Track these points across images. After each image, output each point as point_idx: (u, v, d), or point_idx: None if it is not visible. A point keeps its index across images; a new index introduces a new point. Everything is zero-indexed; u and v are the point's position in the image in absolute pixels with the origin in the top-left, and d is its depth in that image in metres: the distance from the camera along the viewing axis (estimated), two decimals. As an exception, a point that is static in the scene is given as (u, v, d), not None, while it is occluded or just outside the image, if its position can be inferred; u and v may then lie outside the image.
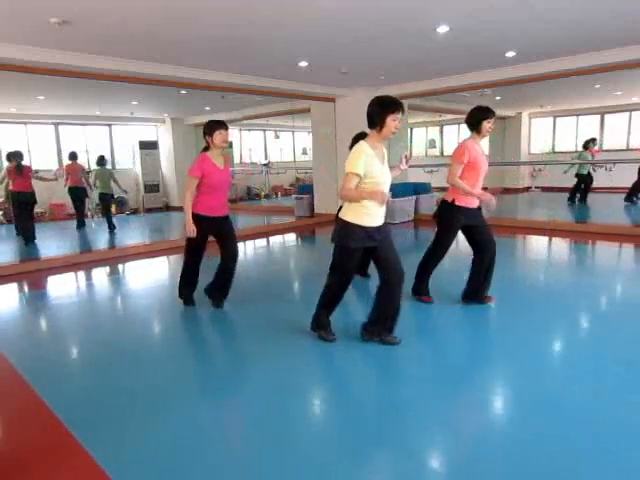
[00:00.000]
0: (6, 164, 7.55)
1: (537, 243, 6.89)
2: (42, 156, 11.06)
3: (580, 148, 10.76)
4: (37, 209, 9.80)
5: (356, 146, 2.86)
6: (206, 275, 4.02)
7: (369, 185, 2.79)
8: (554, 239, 6.85)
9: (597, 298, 4.14)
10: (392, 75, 7.66)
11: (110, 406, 2.49)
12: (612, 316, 3.65)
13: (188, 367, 3.01)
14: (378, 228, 2.89)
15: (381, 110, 2.77)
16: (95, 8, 4.04)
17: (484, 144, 3.85)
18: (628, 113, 13.12)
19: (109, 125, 12.26)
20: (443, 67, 7.09)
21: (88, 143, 11.87)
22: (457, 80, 7.71)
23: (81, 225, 8.93)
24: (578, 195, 10.32)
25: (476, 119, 3.57)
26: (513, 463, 1.90)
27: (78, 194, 8.68)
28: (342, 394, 2.64)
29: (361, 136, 4.34)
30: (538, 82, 7.40)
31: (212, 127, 3.63)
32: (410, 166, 3.47)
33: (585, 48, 6.08)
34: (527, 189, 14.37)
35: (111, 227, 8.75)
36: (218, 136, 3.63)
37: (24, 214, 7.52)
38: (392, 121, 2.77)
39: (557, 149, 14.49)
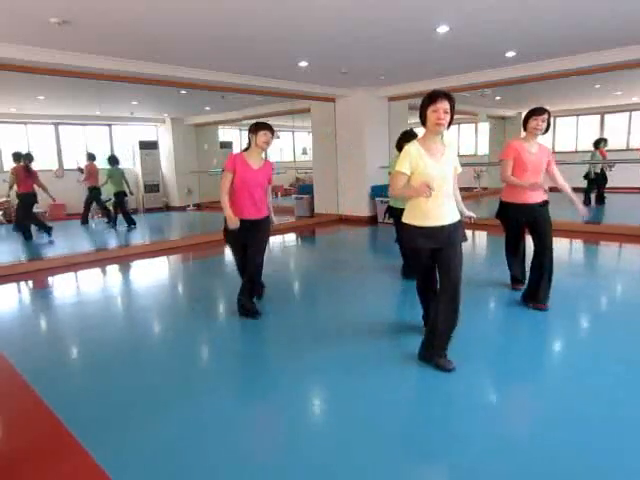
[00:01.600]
0: (12, 164, 7.71)
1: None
2: (42, 156, 11.05)
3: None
4: (37, 209, 9.80)
5: (407, 146, 2.76)
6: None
7: (418, 182, 2.66)
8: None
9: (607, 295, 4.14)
10: (392, 75, 7.66)
11: (110, 406, 2.49)
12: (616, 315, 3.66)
13: (188, 367, 3.00)
14: (441, 228, 2.69)
15: (421, 105, 2.68)
16: (95, 8, 4.04)
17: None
18: (628, 113, 13.12)
19: (109, 125, 12.25)
20: (443, 67, 7.09)
21: (88, 143, 11.86)
22: (457, 80, 7.71)
23: (110, 222, 9.57)
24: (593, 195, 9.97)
25: (525, 118, 3.76)
26: (515, 463, 1.90)
27: (96, 194, 9.23)
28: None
29: (406, 134, 4.50)
30: (538, 82, 7.40)
31: (258, 127, 3.62)
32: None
33: (585, 48, 6.08)
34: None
35: (130, 224, 9.17)
36: (262, 136, 3.60)
37: (29, 214, 7.88)
38: (432, 113, 2.61)
39: (557, 149, 14.49)
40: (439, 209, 2.70)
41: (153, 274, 5.75)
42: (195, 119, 12.69)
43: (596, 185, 9.96)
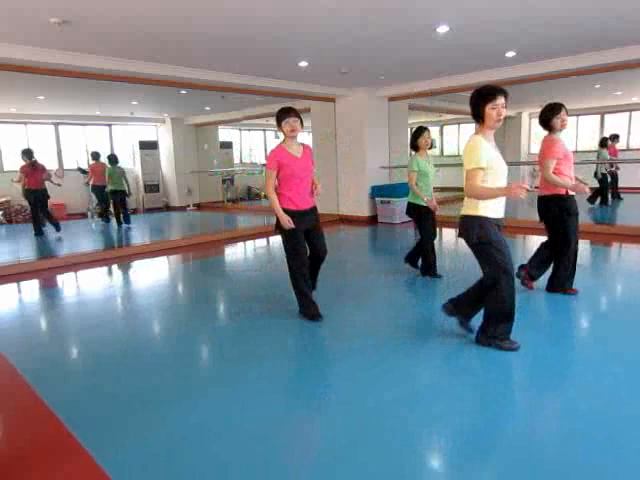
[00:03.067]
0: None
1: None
2: (42, 156, 11.05)
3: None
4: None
5: (470, 141, 2.75)
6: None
7: (491, 177, 2.70)
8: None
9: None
10: (392, 75, 7.66)
11: (110, 406, 2.49)
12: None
13: (188, 367, 3.00)
14: (503, 219, 2.87)
15: (477, 101, 2.71)
16: (95, 8, 4.04)
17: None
18: (628, 113, 13.13)
19: (109, 125, 12.26)
20: (443, 67, 7.09)
21: (88, 143, 11.86)
22: (457, 80, 7.71)
23: (107, 220, 9.84)
24: (606, 196, 9.86)
25: (548, 116, 3.74)
26: (516, 460, 1.90)
27: (102, 192, 9.41)
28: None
29: (421, 129, 4.61)
30: (538, 82, 7.40)
31: (279, 117, 3.44)
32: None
33: (585, 48, 6.08)
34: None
35: (127, 222, 9.36)
36: (286, 126, 3.42)
37: (40, 211, 8.14)
38: (491, 110, 2.64)
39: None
40: (504, 201, 2.83)
41: (153, 274, 5.75)
42: (195, 119, 12.69)
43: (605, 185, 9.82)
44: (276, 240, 7.72)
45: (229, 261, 6.71)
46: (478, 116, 2.72)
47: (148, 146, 12.64)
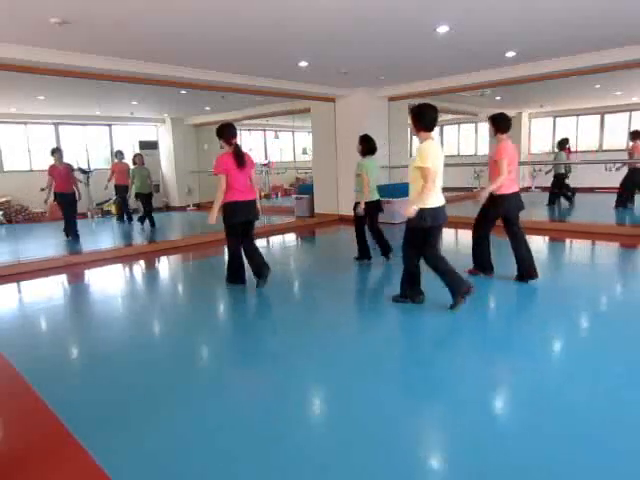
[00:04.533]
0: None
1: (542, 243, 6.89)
2: (42, 156, 11.05)
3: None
4: (37, 209, 9.83)
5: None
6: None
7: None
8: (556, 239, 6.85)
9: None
10: (392, 75, 7.66)
11: (110, 406, 2.49)
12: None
13: (189, 367, 3.00)
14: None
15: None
16: (95, 8, 4.03)
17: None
18: (628, 113, 13.12)
19: (109, 125, 12.24)
20: (443, 67, 7.09)
21: (88, 143, 11.85)
22: (457, 80, 7.71)
23: (130, 220, 9.67)
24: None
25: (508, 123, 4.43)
26: (508, 458, 1.91)
27: (124, 193, 9.24)
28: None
29: (365, 137, 5.36)
30: (538, 82, 7.40)
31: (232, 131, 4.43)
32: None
33: (585, 48, 6.09)
34: (527, 189, 14.36)
35: (152, 224, 9.25)
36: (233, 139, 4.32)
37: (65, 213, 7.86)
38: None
39: (557, 149, 14.48)
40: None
41: (154, 274, 5.75)
42: (195, 119, 12.69)
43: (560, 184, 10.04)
44: (277, 240, 7.73)
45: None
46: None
47: (148, 146, 12.62)
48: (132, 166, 9.28)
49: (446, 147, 15.93)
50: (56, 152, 7.73)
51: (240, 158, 4.39)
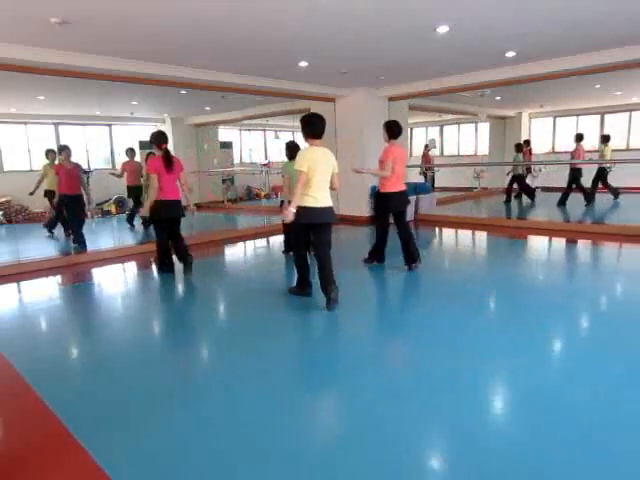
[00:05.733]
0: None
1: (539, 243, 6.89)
2: (42, 156, 11.05)
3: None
4: (37, 209, 9.83)
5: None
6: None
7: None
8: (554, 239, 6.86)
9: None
10: (392, 75, 7.66)
11: (110, 406, 2.49)
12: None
13: (189, 367, 3.00)
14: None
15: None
16: (95, 8, 4.03)
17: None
18: (628, 113, 13.13)
19: (109, 125, 12.24)
20: (443, 67, 7.09)
21: (88, 143, 11.86)
22: (457, 80, 7.71)
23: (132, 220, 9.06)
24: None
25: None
26: (505, 458, 1.91)
27: (136, 194, 8.69)
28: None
29: (292, 144, 5.75)
30: (538, 82, 7.40)
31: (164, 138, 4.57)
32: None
33: (585, 48, 6.08)
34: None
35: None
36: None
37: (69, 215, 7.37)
38: None
39: (557, 149, 14.50)
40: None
41: (154, 274, 5.75)
42: (195, 119, 12.69)
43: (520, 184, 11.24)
44: (277, 240, 7.72)
45: (230, 261, 6.71)
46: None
47: (148, 146, 12.62)
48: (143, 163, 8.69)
49: (446, 147, 15.97)
50: (64, 150, 7.04)
51: (169, 162, 4.97)
